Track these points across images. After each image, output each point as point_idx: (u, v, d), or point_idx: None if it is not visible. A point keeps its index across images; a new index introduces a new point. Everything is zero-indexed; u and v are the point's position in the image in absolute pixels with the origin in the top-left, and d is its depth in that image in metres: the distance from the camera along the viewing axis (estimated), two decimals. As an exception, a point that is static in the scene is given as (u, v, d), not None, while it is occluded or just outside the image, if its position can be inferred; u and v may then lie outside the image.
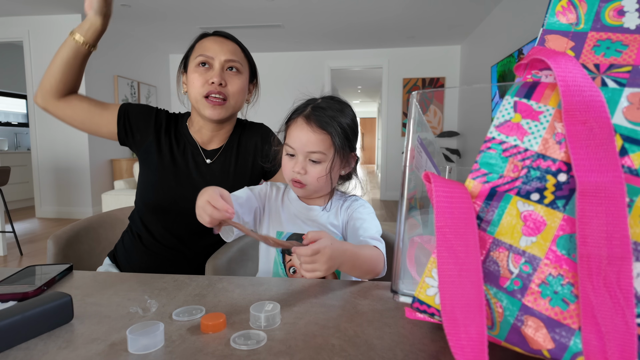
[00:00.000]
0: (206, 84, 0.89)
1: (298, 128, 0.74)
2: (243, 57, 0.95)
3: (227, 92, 0.91)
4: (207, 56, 0.90)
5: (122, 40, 4.77)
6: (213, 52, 0.90)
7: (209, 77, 0.89)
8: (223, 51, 0.90)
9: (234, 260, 0.88)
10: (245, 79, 0.95)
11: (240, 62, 0.93)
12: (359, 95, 10.89)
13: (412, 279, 0.44)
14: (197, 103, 0.91)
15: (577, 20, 0.38)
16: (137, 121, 0.97)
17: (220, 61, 0.90)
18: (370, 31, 4.78)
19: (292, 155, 0.76)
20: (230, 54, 0.91)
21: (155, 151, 0.96)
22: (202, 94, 0.90)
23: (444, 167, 0.50)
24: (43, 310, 0.44)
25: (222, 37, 0.94)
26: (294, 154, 0.75)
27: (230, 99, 0.92)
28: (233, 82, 0.91)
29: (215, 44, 0.91)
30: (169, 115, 1.01)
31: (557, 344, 0.31)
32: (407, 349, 0.41)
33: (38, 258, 2.92)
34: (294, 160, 0.75)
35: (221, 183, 0.96)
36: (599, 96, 0.32)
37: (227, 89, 0.91)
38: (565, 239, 0.32)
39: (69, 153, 4.34)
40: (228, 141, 1.00)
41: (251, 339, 0.42)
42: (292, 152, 0.75)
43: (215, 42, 0.91)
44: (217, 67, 0.90)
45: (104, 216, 1.12)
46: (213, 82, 0.88)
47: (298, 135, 0.74)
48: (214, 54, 0.90)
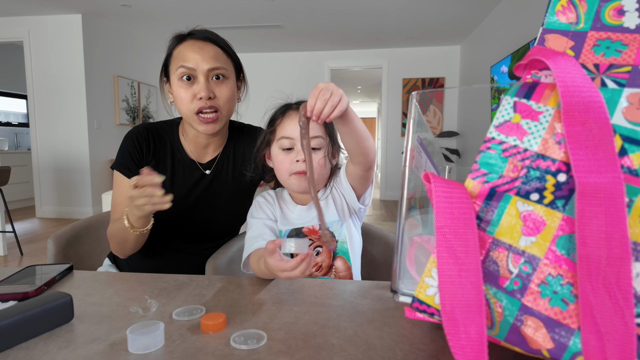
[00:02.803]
0: (195, 100, 0.83)
1: (292, 119, 0.77)
2: (226, 59, 0.88)
3: (217, 104, 0.85)
4: (189, 67, 0.82)
5: (122, 40, 4.77)
6: (194, 63, 0.82)
7: (195, 92, 0.83)
8: (204, 59, 0.83)
9: (234, 260, 0.88)
10: (232, 82, 0.88)
11: (224, 67, 0.86)
12: (358, 95, 10.89)
13: (411, 278, 0.45)
14: (189, 119, 0.86)
15: (577, 19, 0.38)
16: (133, 160, 0.91)
17: (203, 72, 0.83)
18: (370, 31, 4.77)
19: (288, 149, 0.76)
20: (213, 61, 0.84)
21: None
22: (192, 111, 0.84)
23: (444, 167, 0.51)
24: (43, 310, 0.44)
25: (201, 41, 0.85)
26: (292, 145, 0.76)
27: (222, 110, 0.86)
28: (221, 92, 0.85)
29: (194, 53, 0.83)
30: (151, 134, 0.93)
31: (556, 344, 0.31)
32: (407, 348, 0.41)
33: (38, 258, 2.92)
34: (294, 152, 0.76)
35: (222, 192, 0.96)
36: (598, 97, 0.32)
37: (217, 100, 0.85)
38: (565, 239, 0.32)
39: (69, 153, 4.34)
40: (224, 149, 0.97)
41: (251, 338, 0.42)
42: (288, 145, 0.76)
43: (193, 49, 0.83)
44: (202, 79, 0.83)
45: (104, 216, 1.12)
46: (201, 97, 0.83)
47: (294, 124, 0.76)
48: (195, 64, 0.82)
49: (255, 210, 0.83)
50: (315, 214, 0.81)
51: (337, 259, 0.79)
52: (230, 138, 0.99)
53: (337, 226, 0.80)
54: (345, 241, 0.79)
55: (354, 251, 0.80)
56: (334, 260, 0.79)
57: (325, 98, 0.56)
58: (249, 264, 0.72)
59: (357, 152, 0.70)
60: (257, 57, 5.78)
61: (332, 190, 0.83)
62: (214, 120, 0.86)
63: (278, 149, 0.78)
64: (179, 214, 0.92)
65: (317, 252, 0.78)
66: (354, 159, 0.73)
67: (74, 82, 4.23)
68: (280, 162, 0.78)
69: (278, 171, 0.80)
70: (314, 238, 0.79)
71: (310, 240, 0.79)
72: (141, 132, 0.92)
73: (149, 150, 0.92)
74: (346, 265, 0.79)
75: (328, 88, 0.57)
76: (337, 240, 0.79)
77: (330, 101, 0.56)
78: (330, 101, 0.56)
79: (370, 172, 0.76)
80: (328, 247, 0.60)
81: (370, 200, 0.83)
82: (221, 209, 0.95)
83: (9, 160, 4.87)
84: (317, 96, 0.56)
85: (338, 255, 0.79)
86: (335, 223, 0.80)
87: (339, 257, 0.79)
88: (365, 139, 0.68)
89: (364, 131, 0.68)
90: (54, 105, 4.30)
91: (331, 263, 0.79)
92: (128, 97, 4.85)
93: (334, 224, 0.80)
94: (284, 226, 0.81)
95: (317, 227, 0.80)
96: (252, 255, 0.70)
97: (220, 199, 0.95)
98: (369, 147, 0.70)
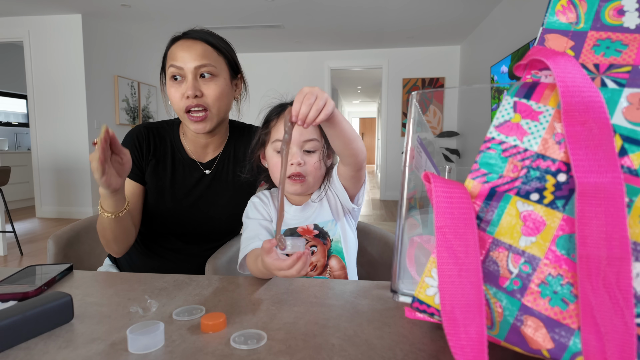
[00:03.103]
0: (183, 98, 0.84)
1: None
2: (217, 57, 0.86)
3: (205, 102, 0.84)
4: (177, 66, 0.83)
5: (122, 40, 4.77)
6: (182, 61, 0.83)
7: (183, 91, 0.83)
8: (191, 57, 0.83)
9: (234, 260, 0.88)
10: (223, 80, 0.87)
11: (213, 64, 0.85)
12: (358, 95, 10.89)
13: (411, 278, 0.45)
14: (182, 118, 0.87)
15: (577, 19, 0.38)
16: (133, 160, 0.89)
17: (190, 70, 0.83)
18: (370, 31, 4.78)
19: None
20: (200, 59, 0.83)
21: (152, 174, 0.92)
22: (182, 110, 0.84)
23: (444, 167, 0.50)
24: (43, 310, 0.44)
25: (191, 40, 0.85)
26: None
27: (212, 108, 0.86)
28: (209, 89, 0.85)
29: (182, 51, 0.84)
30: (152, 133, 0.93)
31: (556, 344, 0.31)
32: (407, 348, 0.41)
33: (38, 258, 2.92)
34: (290, 155, 0.76)
35: (222, 192, 0.96)
36: (598, 97, 0.32)
37: (205, 98, 0.84)
38: (565, 239, 0.32)
39: (69, 153, 4.34)
40: (224, 149, 0.97)
41: (251, 338, 0.42)
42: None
43: (182, 48, 0.84)
44: (190, 77, 0.83)
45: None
46: (188, 96, 0.83)
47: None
48: (182, 62, 0.83)
49: (251, 211, 0.83)
50: (311, 214, 0.81)
51: (332, 259, 0.79)
52: (230, 138, 0.99)
53: (332, 225, 0.80)
54: (339, 240, 0.79)
55: (348, 251, 0.80)
56: (329, 260, 0.79)
57: (310, 102, 0.55)
58: (245, 264, 0.72)
59: (346, 153, 0.71)
60: (257, 57, 5.78)
61: (326, 190, 0.83)
62: (203, 119, 0.85)
63: (273, 151, 0.78)
64: (179, 213, 0.92)
65: (312, 252, 0.79)
66: (344, 160, 0.74)
67: (74, 82, 4.23)
68: (275, 164, 0.78)
69: (273, 173, 0.80)
70: (309, 238, 0.79)
71: (305, 240, 0.79)
72: (142, 131, 0.92)
73: (149, 149, 0.92)
74: (341, 265, 0.79)
75: (313, 92, 0.56)
76: (332, 240, 0.79)
77: (315, 105, 0.56)
78: (315, 105, 0.56)
79: (361, 172, 0.76)
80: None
81: (364, 200, 0.83)
82: (221, 208, 0.95)
83: (9, 160, 4.87)
84: (301, 101, 0.55)
85: (333, 255, 0.79)
86: (330, 222, 0.80)
87: (333, 257, 0.79)
88: (353, 140, 0.68)
89: (352, 133, 0.68)
90: (54, 105, 4.30)
91: (326, 262, 0.79)
92: (128, 97, 4.85)
93: (328, 224, 0.80)
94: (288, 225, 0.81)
95: (311, 226, 0.80)
96: (249, 255, 0.70)
97: (220, 198, 0.95)
98: (357, 148, 0.70)
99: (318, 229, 0.80)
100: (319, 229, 0.80)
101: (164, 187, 0.92)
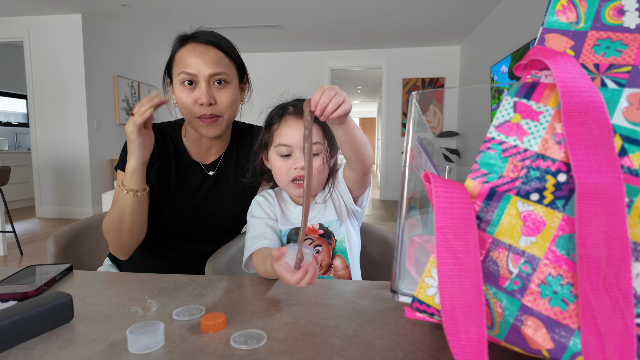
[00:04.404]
0: (196, 105, 0.83)
1: (289, 125, 0.76)
2: (228, 63, 0.86)
3: (218, 110, 0.85)
4: (190, 73, 0.82)
5: (122, 40, 4.77)
6: (195, 68, 0.82)
7: (196, 97, 0.83)
8: (206, 64, 0.82)
9: (234, 260, 0.88)
10: (234, 87, 0.87)
11: (226, 72, 0.85)
12: (358, 95, 10.89)
13: (411, 278, 0.45)
14: (192, 123, 0.87)
15: (577, 19, 0.38)
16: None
17: (204, 77, 0.82)
18: (370, 31, 4.77)
19: (286, 155, 0.76)
20: (214, 66, 0.83)
21: (156, 176, 0.92)
22: (194, 115, 0.84)
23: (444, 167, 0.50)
24: (43, 310, 0.44)
25: (203, 45, 0.84)
26: (290, 152, 0.76)
27: (224, 115, 0.86)
28: (222, 97, 0.85)
29: (194, 57, 0.82)
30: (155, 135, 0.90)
31: (556, 344, 0.31)
32: (407, 348, 0.41)
33: (38, 258, 2.92)
34: (292, 158, 0.76)
35: (225, 193, 0.96)
36: (598, 97, 0.32)
37: (218, 106, 0.84)
38: (565, 239, 0.32)
39: (69, 153, 4.34)
40: (227, 150, 0.97)
41: (251, 338, 0.42)
42: (286, 152, 0.76)
43: (194, 53, 0.83)
44: (203, 85, 0.82)
45: (104, 216, 1.12)
46: (202, 104, 0.82)
47: (292, 132, 0.75)
48: (196, 69, 0.82)
49: (255, 210, 0.83)
50: (315, 214, 0.81)
51: (336, 258, 0.79)
52: (233, 139, 0.99)
53: (336, 226, 0.80)
54: (343, 240, 0.80)
55: (352, 251, 0.80)
56: (333, 259, 0.79)
57: (330, 95, 0.56)
58: (250, 263, 0.72)
59: (354, 159, 0.71)
60: (257, 57, 5.78)
61: (331, 192, 0.83)
62: (214, 122, 0.86)
63: (276, 155, 0.78)
64: (182, 214, 0.92)
65: (317, 251, 0.79)
66: (351, 165, 0.74)
67: (74, 82, 4.23)
68: (278, 168, 0.78)
69: (277, 177, 0.80)
70: (314, 237, 0.79)
71: (310, 240, 0.79)
72: None
73: (153, 152, 0.91)
74: (345, 264, 0.79)
75: (332, 88, 0.57)
76: (337, 240, 0.80)
77: (334, 98, 0.57)
78: (335, 98, 0.57)
79: (367, 176, 0.77)
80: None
81: (368, 202, 0.84)
82: (224, 209, 0.95)
83: (9, 160, 4.87)
84: (322, 92, 0.56)
85: (337, 254, 0.79)
86: (334, 223, 0.80)
87: (337, 256, 0.79)
88: (363, 146, 0.69)
89: (363, 139, 0.68)
90: (53, 105, 4.30)
91: (330, 262, 0.79)
92: (128, 97, 4.85)
93: (333, 224, 0.80)
94: (284, 226, 0.81)
95: (316, 226, 0.80)
96: (256, 254, 0.70)
97: (223, 199, 0.95)
98: (366, 154, 0.71)
99: (323, 228, 0.80)
100: (324, 229, 0.80)
101: (168, 189, 0.92)
